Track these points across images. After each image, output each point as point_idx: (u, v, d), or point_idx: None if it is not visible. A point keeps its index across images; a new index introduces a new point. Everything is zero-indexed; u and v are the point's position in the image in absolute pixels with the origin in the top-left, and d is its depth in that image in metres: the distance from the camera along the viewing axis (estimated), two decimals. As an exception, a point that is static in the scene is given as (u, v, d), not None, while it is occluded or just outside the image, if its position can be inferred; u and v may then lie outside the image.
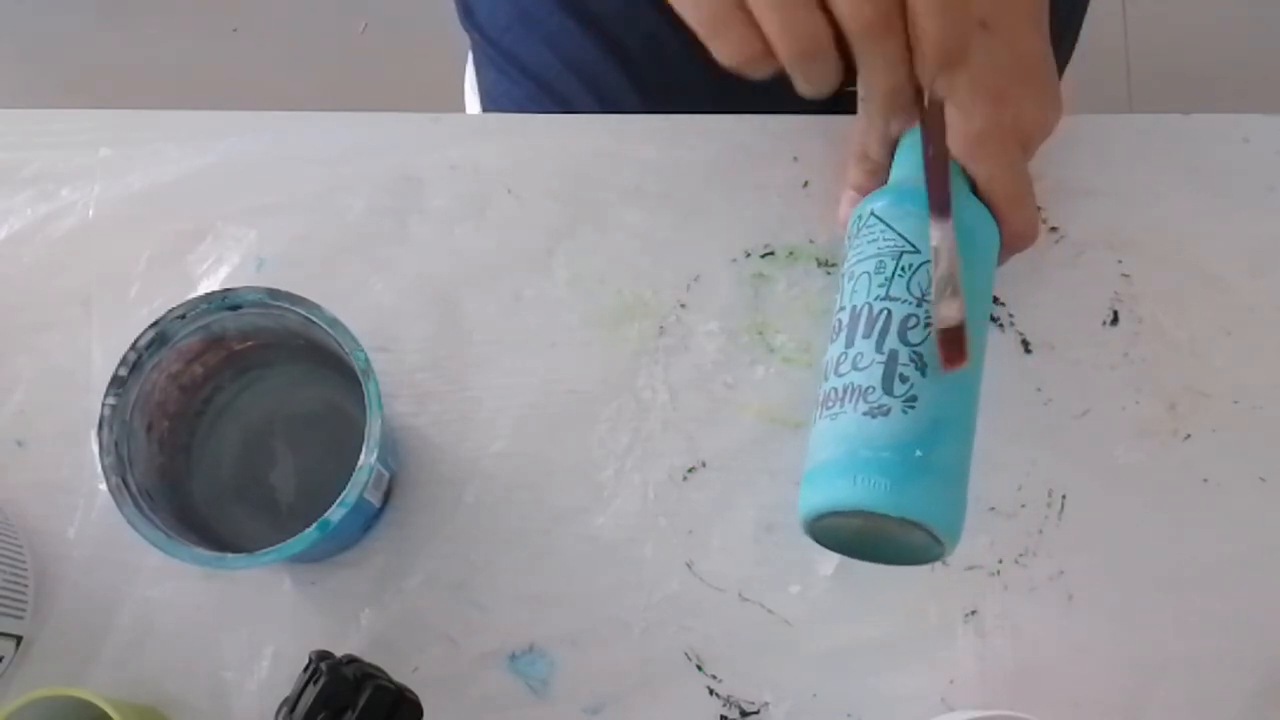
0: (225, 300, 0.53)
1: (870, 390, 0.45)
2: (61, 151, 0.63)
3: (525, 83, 0.75)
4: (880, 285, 0.47)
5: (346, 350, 0.51)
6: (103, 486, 0.57)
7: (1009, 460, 0.58)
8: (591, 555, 0.57)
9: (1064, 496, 0.58)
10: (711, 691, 0.56)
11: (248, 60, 1.56)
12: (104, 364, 0.59)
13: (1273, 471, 0.58)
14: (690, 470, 0.58)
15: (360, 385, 0.51)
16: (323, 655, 0.52)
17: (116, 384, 0.52)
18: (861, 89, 0.46)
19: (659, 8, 0.67)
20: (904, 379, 0.45)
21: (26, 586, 0.56)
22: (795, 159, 0.62)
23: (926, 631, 0.56)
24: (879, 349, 0.46)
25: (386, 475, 0.56)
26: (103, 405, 0.51)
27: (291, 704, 0.50)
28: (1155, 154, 0.62)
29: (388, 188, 0.63)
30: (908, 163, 0.51)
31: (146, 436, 0.53)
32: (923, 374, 0.45)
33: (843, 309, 0.49)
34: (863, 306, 0.47)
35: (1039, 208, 0.61)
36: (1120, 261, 0.61)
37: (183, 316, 0.52)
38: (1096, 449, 0.58)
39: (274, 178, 0.62)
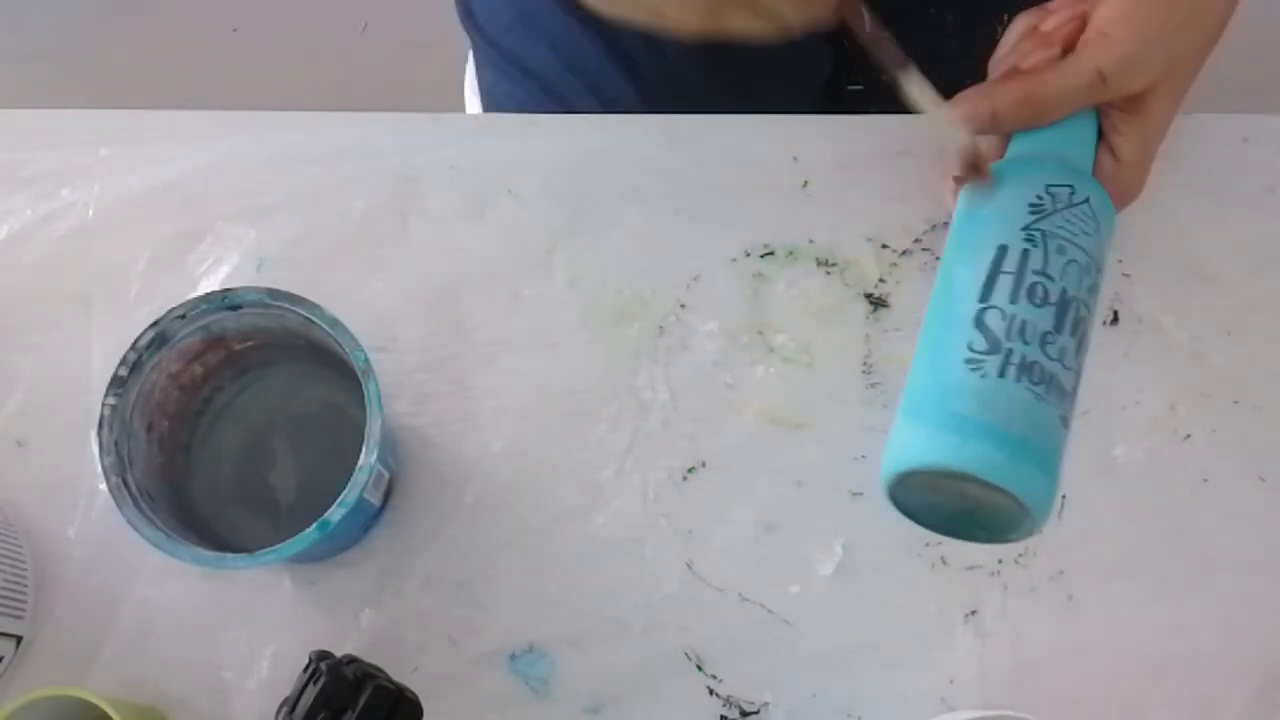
0: (225, 300, 0.53)
1: (1066, 397, 0.45)
2: (61, 151, 0.63)
3: (526, 83, 0.75)
4: (1088, 289, 0.46)
5: (346, 350, 0.51)
6: (103, 486, 0.57)
7: (1009, 460, 0.58)
8: (591, 555, 0.57)
9: (1064, 496, 0.58)
10: (711, 691, 0.56)
11: (248, 60, 1.56)
12: (104, 364, 0.59)
13: (1273, 471, 0.58)
14: (690, 470, 0.58)
15: (360, 385, 0.51)
16: (323, 655, 0.52)
17: (116, 384, 0.52)
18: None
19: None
20: (1076, 399, 0.45)
21: (26, 586, 0.56)
22: (795, 159, 0.62)
23: (926, 631, 0.56)
24: (1077, 355, 0.45)
25: (386, 475, 0.56)
26: (103, 405, 0.51)
27: (291, 704, 0.50)
28: (1155, 154, 0.62)
29: (388, 188, 0.63)
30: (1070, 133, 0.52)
31: (146, 436, 0.53)
32: (1078, 379, 0.46)
33: (1049, 277, 0.46)
34: (1074, 299, 0.46)
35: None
36: (1120, 261, 0.61)
37: (183, 316, 0.52)
38: (1096, 449, 0.58)
39: (274, 178, 0.62)
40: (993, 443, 0.43)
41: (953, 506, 0.46)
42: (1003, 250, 0.47)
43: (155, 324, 0.52)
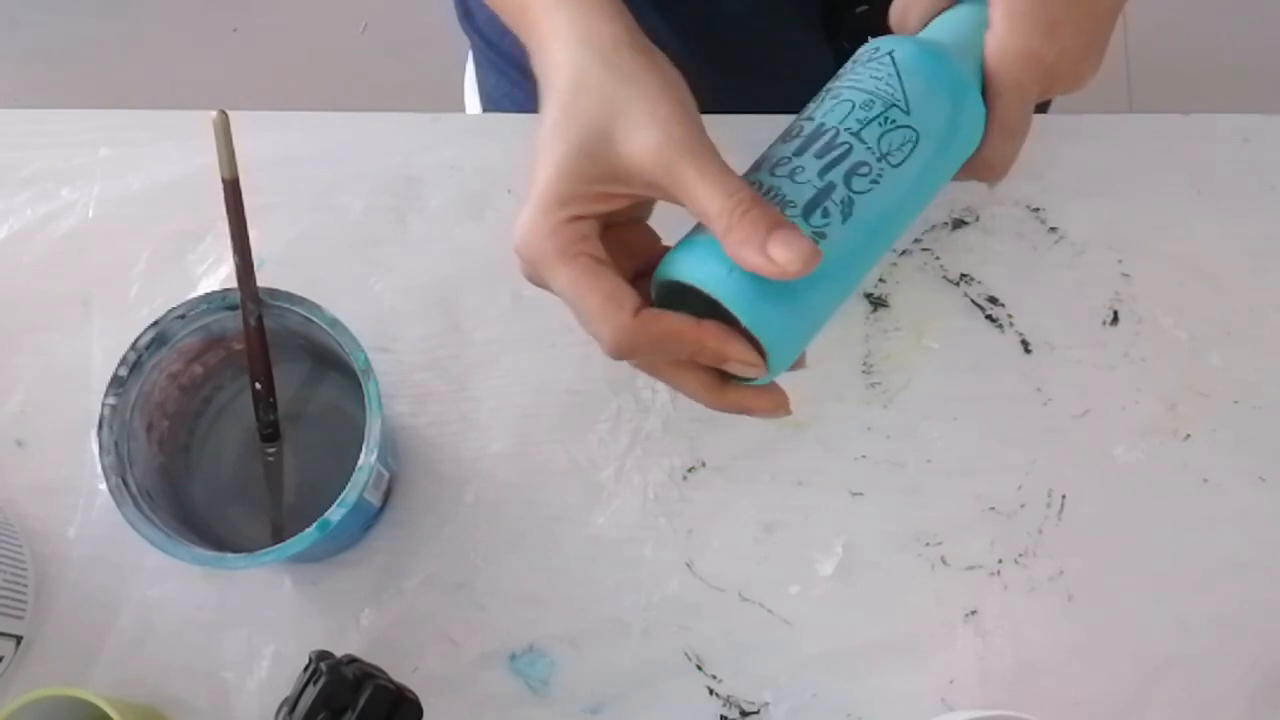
0: (225, 300, 0.53)
1: (791, 205, 0.44)
2: (61, 151, 0.63)
3: (526, 84, 0.74)
4: (858, 120, 0.45)
5: (346, 350, 0.51)
6: (103, 486, 0.57)
7: (1009, 460, 0.58)
8: (591, 555, 0.57)
9: (1064, 496, 0.58)
10: (711, 691, 0.56)
11: (248, 60, 1.56)
12: (104, 364, 0.59)
13: (1273, 471, 0.58)
14: (690, 470, 0.58)
15: (360, 385, 0.51)
16: (323, 655, 0.52)
17: (116, 384, 0.52)
18: None
19: (658, 8, 0.67)
20: (825, 214, 0.44)
21: (26, 586, 0.56)
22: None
23: (926, 631, 0.56)
24: (821, 175, 0.44)
25: (386, 475, 0.56)
26: (103, 405, 0.51)
27: (291, 704, 0.50)
28: (1155, 154, 0.62)
29: (388, 188, 0.63)
30: (949, 30, 0.49)
31: (146, 436, 0.53)
32: (843, 220, 0.44)
33: (810, 119, 0.47)
34: (831, 129, 0.45)
35: (1039, 208, 0.61)
36: (1120, 261, 0.61)
37: (183, 316, 0.52)
38: (1096, 449, 0.58)
39: (274, 178, 0.62)
40: (684, 248, 0.45)
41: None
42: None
43: (155, 324, 0.52)
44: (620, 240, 0.46)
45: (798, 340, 0.45)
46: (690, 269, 0.44)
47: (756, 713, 0.56)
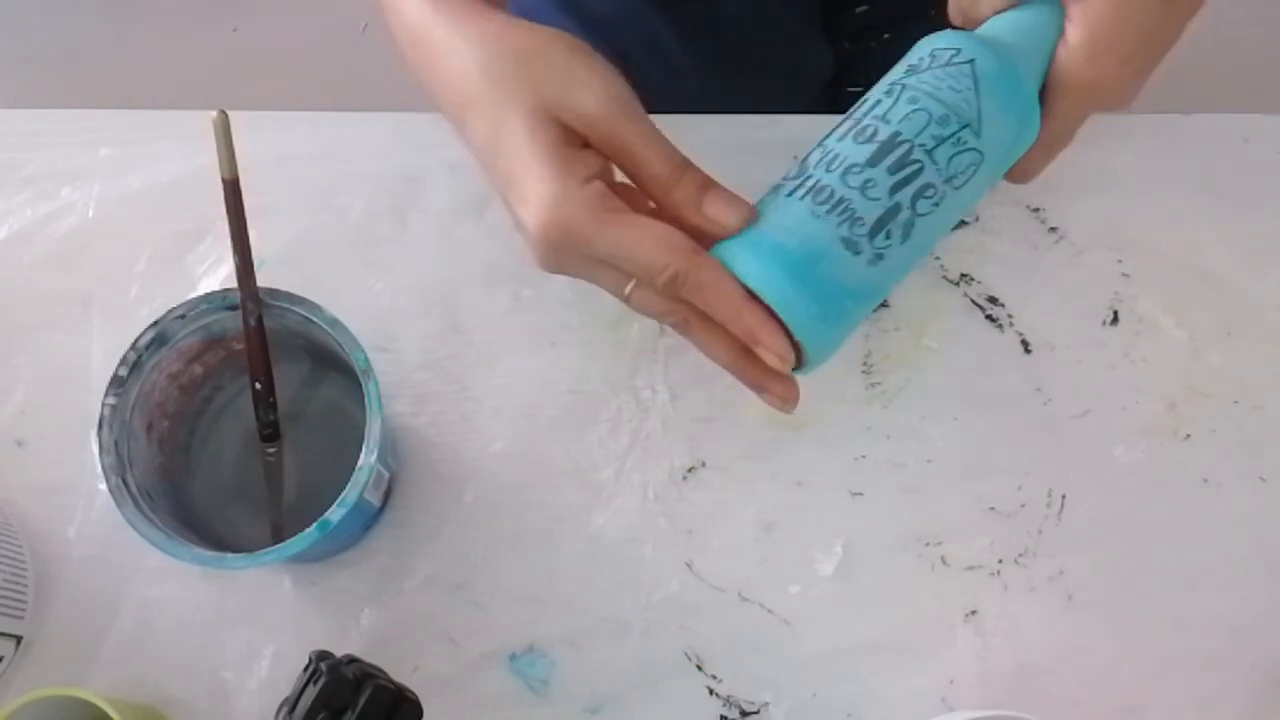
0: (225, 300, 0.53)
1: (859, 223, 0.44)
2: (61, 151, 0.63)
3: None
4: (933, 138, 0.45)
5: (346, 350, 0.51)
6: (103, 486, 0.57)
7: (1009, 460, 0.58)
8: (591, 555, 0.57)
9: (1064, 496, 0.58)
10: (711, 691, 0.56)
11: (248, 60, 1.56)
12: (104, 364, 0.59)
13: (1273, 471, 0.58)
14: (690, 470, 0.58)
15: (360, 385, 0.50)
16: (323, 655, 0.52)
17: (116, 384, 0.51)
18: None
19: (658, 9, 0.67)
20: (888, 235, 0.44)
21: (26, 586, 0.56)
22: (795, 158, 0.62)
23: (926, 631, 0.56)
24: (891, 194, 0.44)
25: (386, 475, 0.56)
26: (103, 405, 0.51)
27: (291, 704, 0.50)
28: (1155, 154, 0.62)
29: (387, 188, 0.63)
30: (1025, 35, 0.48)
31: (146, 436, 0.53)
32: (902, 242, 0.44)
33: (884, 120, 0.46)
34: (906, 142, 0.45)
35: (1039, 208, 0.61)
36: (1120, 261, 0.61)
37: (183, 316, 0.52)
38: (1096, 449, 0.58)
39: (274, 178, 0.62)
40: (745, 245, 0.44)
41: None
42: (864, 101, 0.47)
43: (155, 324, 0.52)
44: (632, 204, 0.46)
45: (833, 351, 0.46)
46: (755, 274, 0.44)
47: (756, 713, 0.56)
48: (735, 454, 0.58)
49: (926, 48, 0.47)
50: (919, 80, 0.46)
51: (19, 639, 0.55)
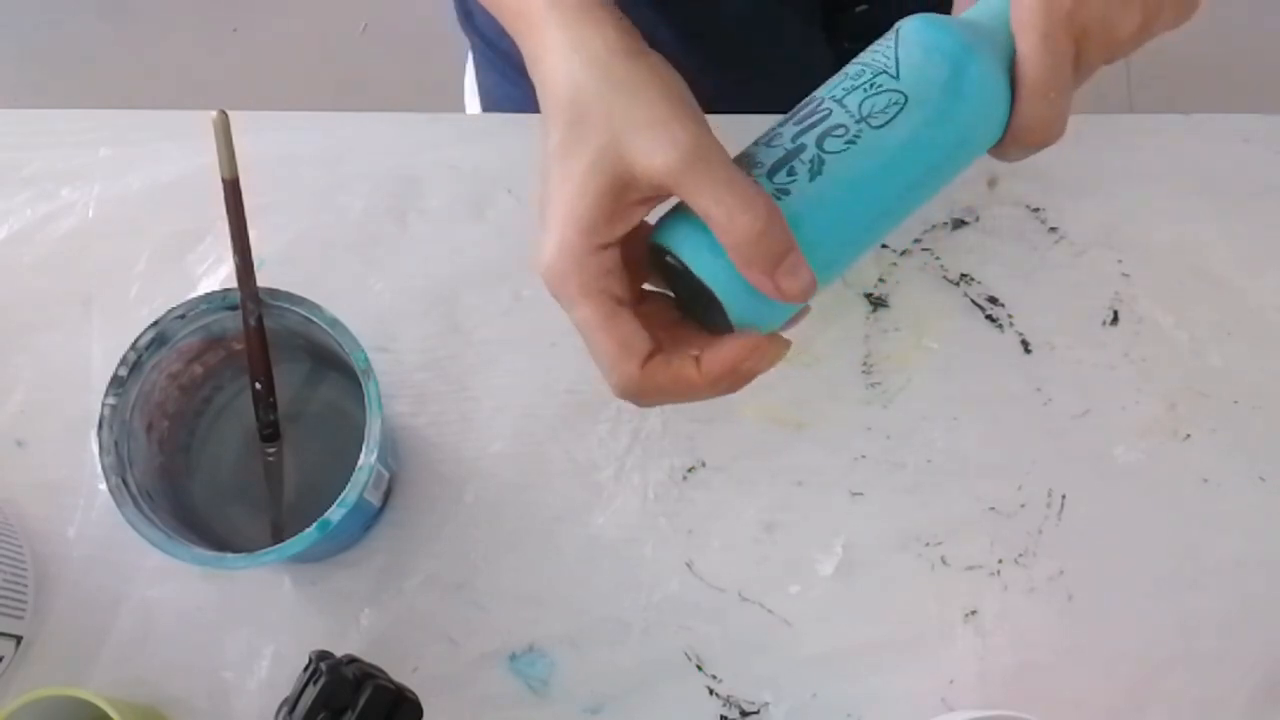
0: (225, 300, 0.53)
1: (759, 166, 0.43)
2: (61, 151, 0.63)
3: (526, 84, 0.74)
4: (844, 90, 0.44)
5: (346, 350, 0.51)
6: (103, 486, 0.57)
7: (1009, 460, 0.58)
8: (591, 555, 0.57)
9: (1064, 496, 0.58)
10: (711, 691, 0.56)
11: (248, 60, 1.56)
12: (104, 364, 0.59)
13: (1273, 471, 0.58)
14: (690, 470, 0.58)
15: (360, 385, 0.51)
16: (323, 655, 0.52)
17: (116, 384, 0.52)
18: None
19: (658, 9, 0.67)
20: (791, 172, 0.43)
21: (26, 586, 0.56)
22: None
23: (926, 631, 0.56)
24: (794, 139, 0.43)
25: (386, 475, 0.56)
26: (103, 405, 0.51)
27: (291, 704, 0.50)
28: (1155, 154, 0.62)
29: (387, 188, 0.63)
30: (984, 7, 0.47)
31: (146, 436, 0.53)
32: (809, 179, 0.43)
33: (813, 97, 0.46)
34: (817, 99, 0.45)
35: (1039, 208, 0.61)
36: (1120, 261, 0.61)
37: (183, 316, 0.52)
38: (1096, 449, 0.58)
39: (274, 178, 0.62)
40: (689, 226, 0.43)
41: (696, 299, 0.46)
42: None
43: (155, 324, 0.52)
44: (639, 243, 0.46)
45: (782, 319, 0.45)
46: (691, 254, 0.43)
47: (756, 713, 0.56)
48: (735, 454, 0.58)
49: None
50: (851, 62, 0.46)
51: (19, 639, 0.55)
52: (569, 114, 0.44)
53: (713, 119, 0.64)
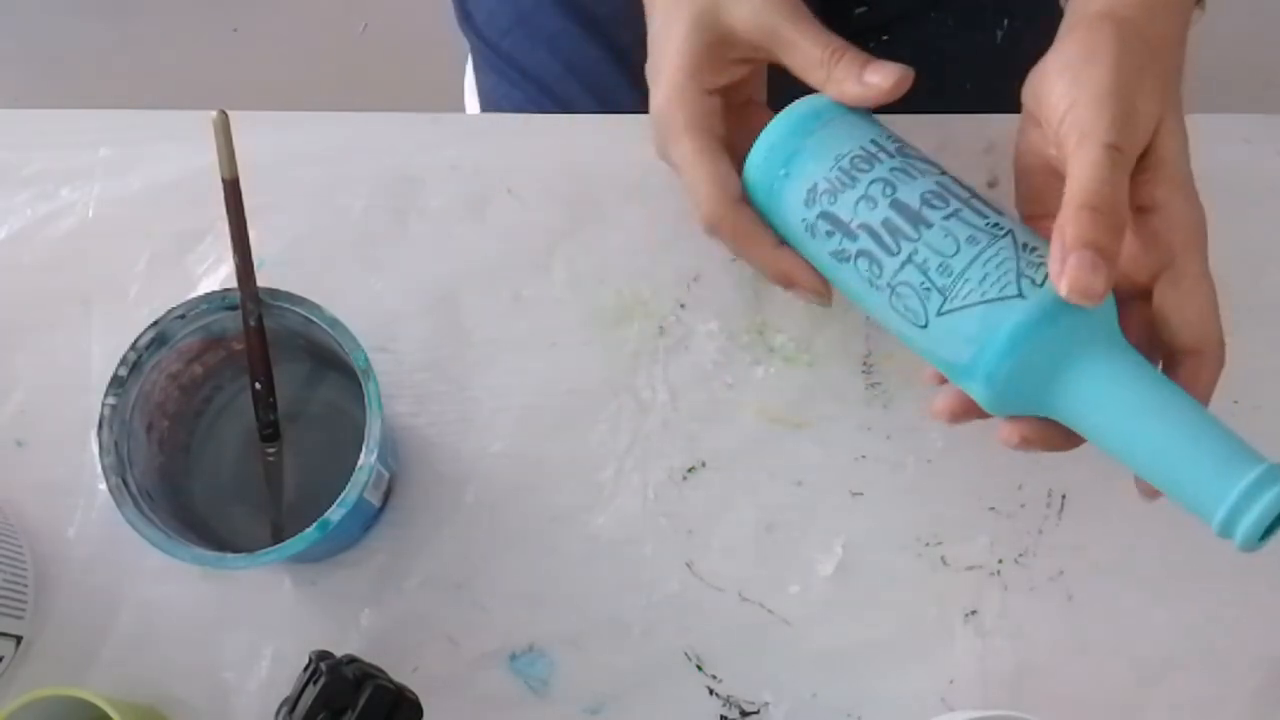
0: (225, 300, 0.53)
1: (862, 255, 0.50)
2: (61, 151, 0.63)
3: (526, 86, 0.74)
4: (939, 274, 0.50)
5: (346, 350, 0.51)
6: (103, 486, 0.57)
7: (1009, 460, 0.58)
8: (591, 555, 0.57)
9: (1064, 496, 0.58)
10: (711, 691, 0.56)
11: (248, 60, 1.56)
12: (104, 364, 0.59)
13: (1273, 471, 0.58)
14: (690, 470, 0.58)
15: (360, 385, 0.51)
16: (323, 655, 0.52)
17: (116, 384, 0.52)
18: None
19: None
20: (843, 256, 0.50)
21: (26, 586, 0.56)
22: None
23: (926, 631, 0.56)
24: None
25: (386, 475, 0.56)
26: (103, 405, 0.51)
27: (291, 704, 0.50)
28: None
29: (388, 188, 0.63)
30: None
31: (146, 436, 0.53)
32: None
33: (945, 187, 0.49)
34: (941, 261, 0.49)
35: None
36: (1120, 261, 0.60)
37: (183, 316, 0.52)
38: (1097, 449, 0.58)
39: (274, 178, 0.62)
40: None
41: None
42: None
43: (155, 324, 0.52)
44: (744, 120, 0.52)
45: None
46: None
47: (756, 713, 0.56)
48: (735, 454, 0.58)
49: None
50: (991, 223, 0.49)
51: (19, 639, 0.55)
52: None
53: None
